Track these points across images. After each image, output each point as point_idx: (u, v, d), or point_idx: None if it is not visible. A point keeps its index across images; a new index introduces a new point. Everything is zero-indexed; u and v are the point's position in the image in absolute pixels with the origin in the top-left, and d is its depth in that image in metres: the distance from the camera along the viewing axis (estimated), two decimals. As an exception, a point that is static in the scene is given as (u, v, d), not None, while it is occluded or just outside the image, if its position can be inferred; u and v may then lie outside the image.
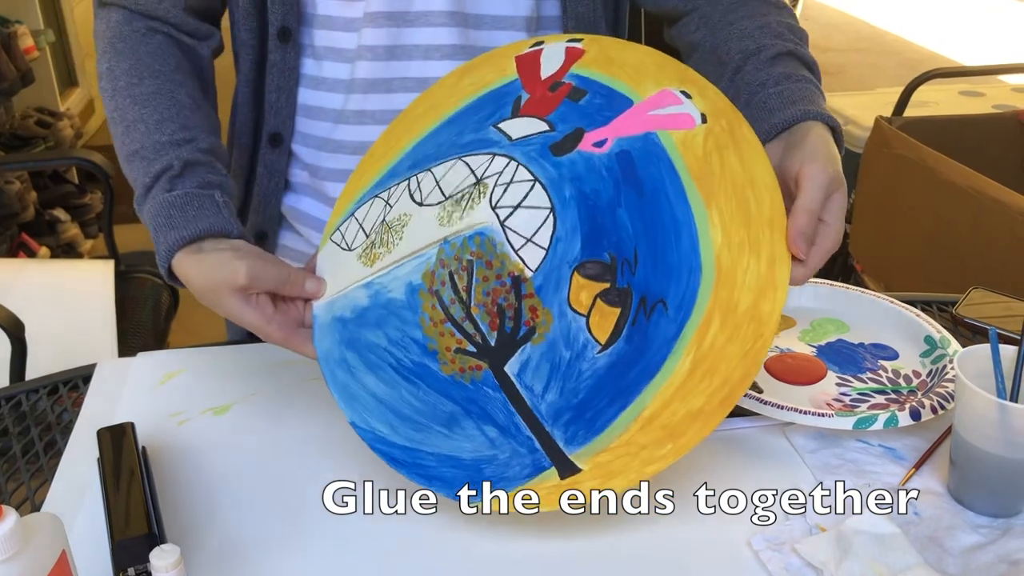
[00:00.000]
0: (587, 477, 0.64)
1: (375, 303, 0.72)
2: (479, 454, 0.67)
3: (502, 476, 0.65)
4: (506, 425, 0.67)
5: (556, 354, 0.67)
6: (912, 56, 5.36)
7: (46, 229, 2.67)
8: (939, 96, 2.66)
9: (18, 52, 2.55)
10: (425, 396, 0.69)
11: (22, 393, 0.87)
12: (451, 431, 0.68)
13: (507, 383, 0.67)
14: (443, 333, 0.70)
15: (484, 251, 0.69)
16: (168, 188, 0.75)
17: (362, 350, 0.72)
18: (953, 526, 0.68)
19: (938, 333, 0.87)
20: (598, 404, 0.65)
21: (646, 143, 0.69)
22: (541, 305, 0.68)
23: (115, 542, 0.61)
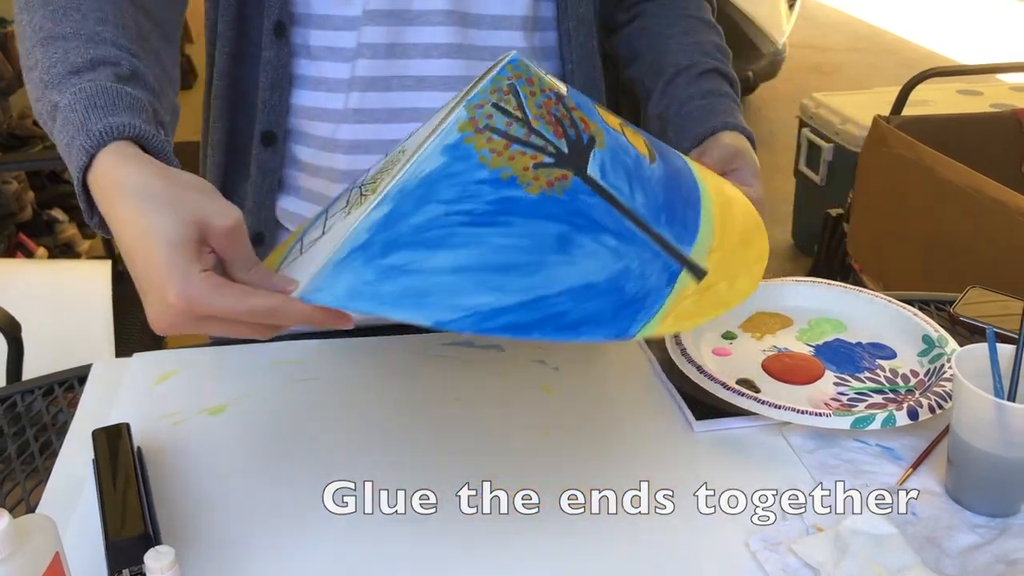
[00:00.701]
0: (715, 278, 0.60)
1: (403, 195, 0.58)
2: (610, 270, 0.58)
3: (646, 290, 0.58)
4: (620, 230, 0.59)
5: (622, 158, 0.62)
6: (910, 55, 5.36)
7: (44, 229, 2.66)
8: (937, 95, 2.66)
9: (15, 51, 2.54)
10: (523, 228, 0.58)
11: (17, 394, 0.87)
12: (570, 253, 0.58)
13: (598, 187, 0.60)
14: (513, 157, 0.59)
15: (520, 71, 0.63)
16: (114, 80, 0.62)
17: (411, 239, 0.57)
18: (951, 526, 0.68)
19: (936, 332, 0.87)
20: (679, 207, 0.63)
21: None
22: (588, 118, 0.64)
23: (110, 543, 0.61)
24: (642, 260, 0.59)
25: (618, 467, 0.74)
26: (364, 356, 0.89)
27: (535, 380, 0.85)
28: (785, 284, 0.96)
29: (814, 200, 2.80)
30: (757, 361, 0.86)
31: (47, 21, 0.66)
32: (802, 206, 2.98)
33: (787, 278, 0.97)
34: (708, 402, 0.80)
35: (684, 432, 0.78)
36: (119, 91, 0.61)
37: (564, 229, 0.58)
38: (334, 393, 0.83)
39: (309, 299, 0.57)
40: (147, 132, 0.60)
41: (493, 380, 0.85)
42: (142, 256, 0.55)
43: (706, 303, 0.59)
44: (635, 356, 0.89)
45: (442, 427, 0.79)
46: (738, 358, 0.87)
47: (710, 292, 0.60)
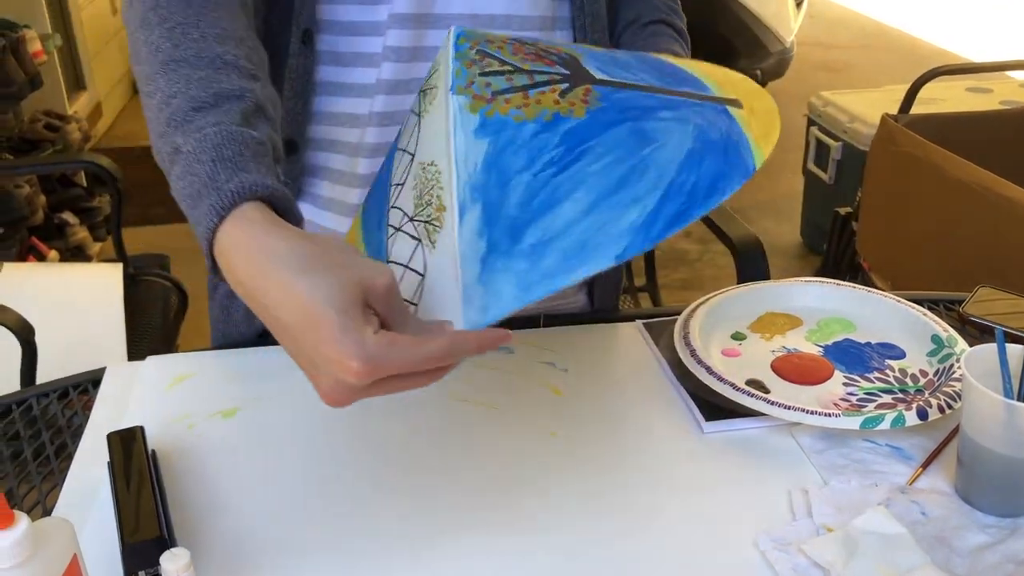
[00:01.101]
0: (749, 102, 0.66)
1: (479, 191, 0.60)
2: (690, 132, 0.62)
3: (724, 129, 0.63)
4: (663, 104, 0.63)
5: (604, 58, 0.67)
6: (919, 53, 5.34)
7: (55, 232, 2.68)
8: (946, 93, 2.66)
9: (26, 56, 2.56)
10: (603, 147, 0.60)
11: (33, 397, 0.88)
12: (654, 141, 0.61)
13: (615, 83, 0.63)
14: (539, 100, 0.61)
15: (475, 38, 0.66)
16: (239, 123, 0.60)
17: (526, 215, 0.59)
18: (960, 526, 0.68)
19: (945, 332, 0.87)
20: (676, 76, 0.67)
21: None
22: (549, 45, 0.68)
23: (126, 546, 0.62)
24: (698, 114, 0.63)
25: (628, 468, 0.75)
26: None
27: (544, 381, 0.86)
28: (794, 284, 0.97)
29: (823, 199, 2.79)
30: (766, 362, 0.87)
31: (165, 41, 0.63)
32: (811, 205, 2.97)
33: (796, 278, 0.98)
34: (717, 403, 0.80)
35: (694, 433, 0.79)
36: (245, 137, 0.58)
37: (629, 125, 0.61)
38: (345, 395, 0.83)
39: (481, 324, 0.58)
40: (278, 191, 0.57)
41: (503, 381, 0.85)
42: (308, 330, 0.51)
43: (763, 121, 0.64)
44: (644, 357, 0.89)
45: (452, 428, 0.79)
46: (747, 359, 0.87)
47: (756, 113, 0.64)
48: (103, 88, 3.90)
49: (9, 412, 0.86)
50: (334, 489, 0.72)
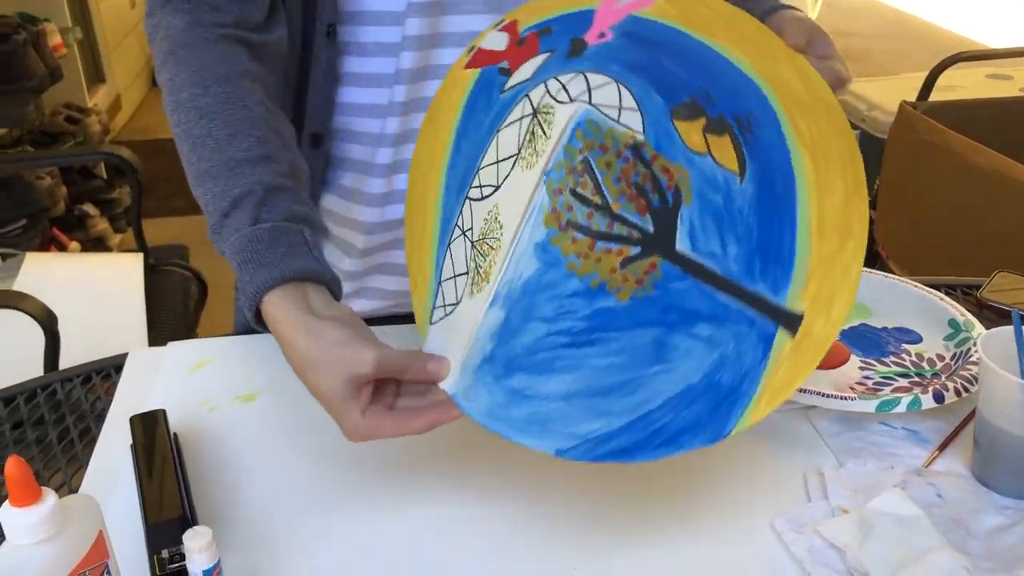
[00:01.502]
0: (812, 318, 0.58)
1: (511, 302, 0.64)
2: (704, 366, 0.60)
3: (742, 373, 0.59)
4: (713, 311, 0.60)
5: (711, 204, 0.61)
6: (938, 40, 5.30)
7: (76, 224, 2.71)
8: (966, 80, 2.63)
9: (46, 49, 2.58)
10: (618, 345, 0.61)
11: (57, 382, 0.89)
12: (666, 361, 0.60)
13: (688, 263, 0.61)
14: (599, 259, 0.62)
15: (592, 137, 0.64)
16: (253, 219, 0.68)
17: (525, 361, 0.63)
18: (977, 508, 0.68)
19: (962, 316, 0.87)
20: (774, 233, 0.60)
21: (633, 23, 0.67)
22: (670, 162, 0.62)
23: (149, 525, 0.63)
24: (737, 338, 0.59)
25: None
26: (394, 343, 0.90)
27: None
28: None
29: (841, 187, 2.77)
30: (782, 346, 0.87)
31: (192, 154, 0.72)
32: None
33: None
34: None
35: (710, 416, 0.79)
36: (259, 235, 0.67)
37: (658, 332, 0.61)
38: (364, 380, 0.84)
39: (460, 404, 0.65)
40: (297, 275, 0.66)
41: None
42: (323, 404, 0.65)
43: (801, 360, 0.58)
44: (661, 342, 0.90)
45: (470, 412, 0.80)
46: (763, 343, 0.87)
47: (806, 341, 0.58)
48: (122, 81, 3.92)
49: (34, 396, 0.88)
50: (352, 471, 0.73)
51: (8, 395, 0.88)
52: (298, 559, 0.65)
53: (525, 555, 0.66)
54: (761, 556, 0.65)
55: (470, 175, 0.70)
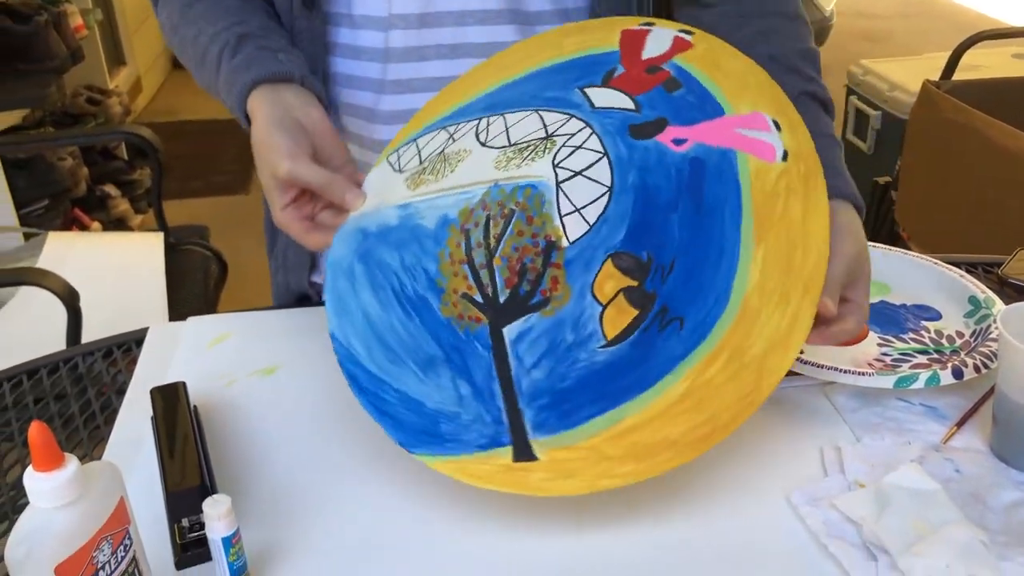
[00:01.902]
0: (539, 468, 0.62)
1: (403, 224, 0.72)
2: (443, 407, 0.65)
3: (458, 438, 0.64)
4: (482, 388, 0.65)
5: (559, 334, 0.65)
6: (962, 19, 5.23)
7: (97, 204, 2.72)
8: (990, 60, 2.60)
9: (68, 30, 2.59)
10: (414, 330, 0.68)
11: (79, 356, 0.90)
12: (425, 375, 0.67)
13: (500, 345, 0.66)
14: (457, 273, 0.68)
15: (531, 205, 0.68)
16: (230, 58, 0.79)
17: (372, 265, 0.71)
18: (995, 483, 0.68)
19: (983, 293, 0.86)
20: (580, 399, 0.63)
21: (723, 159, 0.67)
22: (564, 279, 0.66)
23: (170, 494, 0.64)
24: (477, 418, 0.65)
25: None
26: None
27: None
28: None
29: (862, 169, 2.75)
30: (800, 323, 0.86)
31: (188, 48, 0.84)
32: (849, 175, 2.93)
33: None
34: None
35: (726, 392, 0.79)
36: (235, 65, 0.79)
37: (438, 356, 0.67)
38: (381, 354, 0.85)
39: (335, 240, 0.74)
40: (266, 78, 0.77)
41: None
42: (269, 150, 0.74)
43: (501, 479, 0.62)
44: (678, 318, 0.90)
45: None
46: (781, 320, 0.87)
47: (518, 474, 0.62)
48: (143, 63, 3.94)
49: (57, 370, 0.89)
50: (368, 443, 0.74)
51: (31, 368, 0.89)
52: (315, 528, 0.66)
53: (539, 520, 0.66)
54: (776, 530, 0.65)
55: (494, 112, 0.75)
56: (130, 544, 0.55)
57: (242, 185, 3.28)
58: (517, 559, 0.63)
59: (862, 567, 0.61)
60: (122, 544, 0.54)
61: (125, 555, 0.54)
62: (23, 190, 2.36)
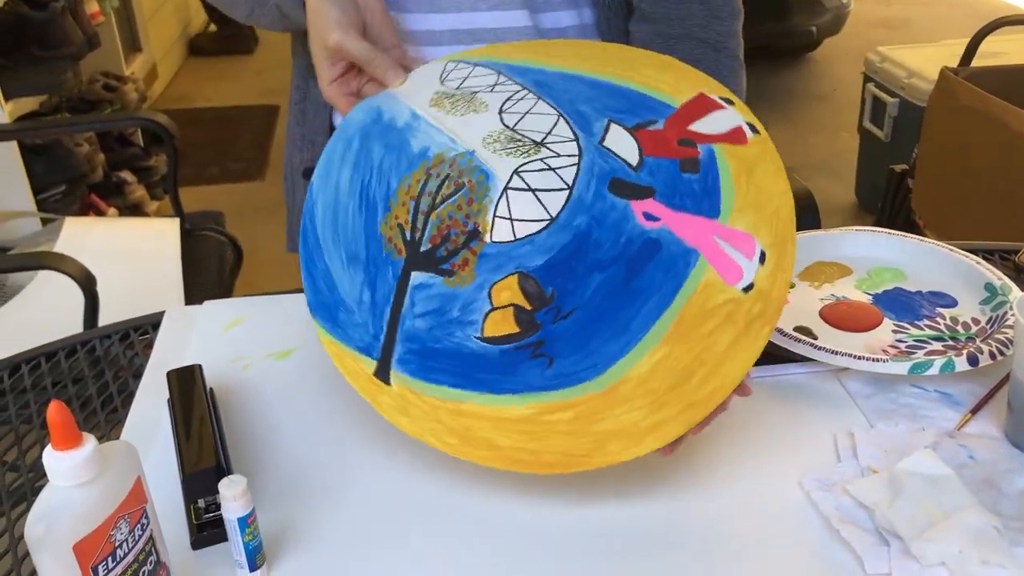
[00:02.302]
0: (389, 393, 0.68)
1: (403, 131, 0.74)
2: (347, 300, 0.71)
3: (346, 330, 0.70)
4: (378, 304, 0.70)
5: (450, 305, 0.67)
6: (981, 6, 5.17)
7: (114, 191, 2.74)
8: (1010, 46, 2.57)
9: (84, 17, 2.60)
10: (357, 226, 0.72)
11: (97, 338, 0.91)
12: (347, 267, 0.72)
13: (404, 282, 0.69)
14: (404, 204, 0.70)
15: (477, 189, 0.68)
16: None
17: (363, 148, 0.75)
18: (1010, 469, 0.68)
19: (999, 280, 0.86)
20: (442, 365, 0.66)
21: (681, 255, 0.65)
22: (473, 266, 0.67)
23: (186, 475, 0.64)
24: (363, 325, 0.70)
25: (673, 410, 0.75)
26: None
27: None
28: (845, 233, 0.96)
29: (878, 157, 2.74)
30: (815, 309, 0.86)
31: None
32: (866, 163, 2.92)
33: (847, 227, 0.97)
34: (764, 348, 0.80)
35: (740, 377, 0.79)
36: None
37: (362, 258, 0.71)
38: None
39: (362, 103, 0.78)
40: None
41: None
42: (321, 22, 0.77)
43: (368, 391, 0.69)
44: (691, 304, 0.90)
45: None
46: (795, 306, 0.87)
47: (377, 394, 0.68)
48: (159, 50, 3.95)
49: (74, 352, 0.89)
50: (383, 426, 0.74)
51: (50, 351, 0.90)
52: (329, 509, 0.67)
53: (551, 501, 0.66)
54: (789, 515, 0.65)
55: (536, 91, 0.75)
56: (147, 523, 0.55)
57: (258, 172, 3.29)
58: (531, 539, 0.64)
59: (874, 552, 0.61)
60: (139, 523, 0.54)
61: (142, 534, 0.55)
62: (40, 176, 2.38)
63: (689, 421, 0.62)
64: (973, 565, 0.59)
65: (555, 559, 0.62)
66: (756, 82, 4.28)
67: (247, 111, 3.82)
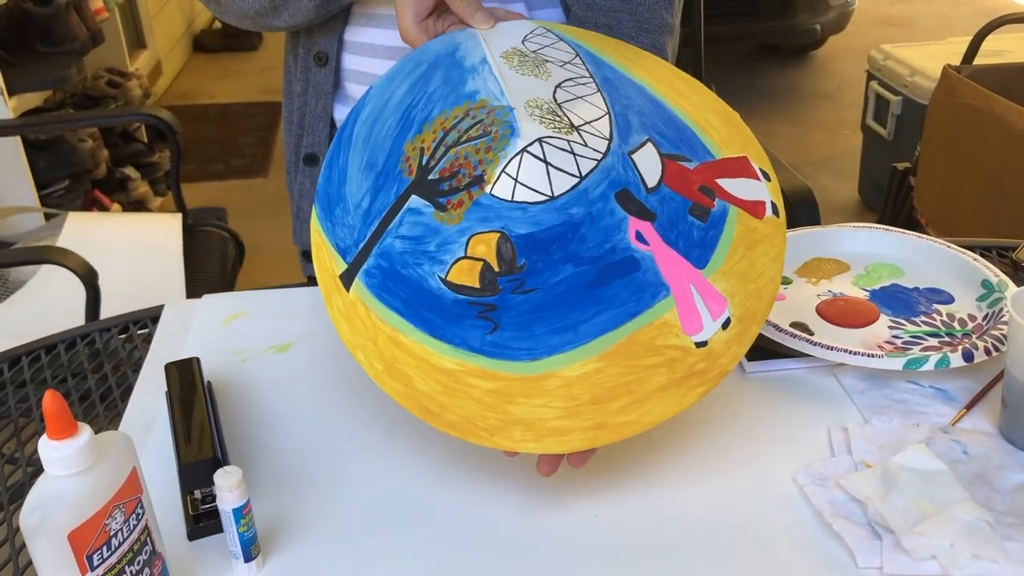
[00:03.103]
0: (343, 298, 0.68)
1: (466, 71, 0.75)
2: (348, 200, 0.71)
3: (335, 227, 0.71)
4: (372, 214, 0.70)
5: (429, 238, 0.68)
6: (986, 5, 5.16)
7: (117, 186, 2.75)
8: (1013, 44, 2.57)
9: (88, 13, 2.61)
10: (389, 137, 0.73)
11: (96, 331, 0.92)
12: (363, 168, 0.72)
13: (400, 202, 0.69)
14: (435, 131, 0.71)
15: (499, 140, 0.69)
16: None
17: (425, 72, 0.75)
18: (1003, 465, 0.68)
19: (995, 277, 0.86)
20: (399, 292, 0.67)
21: (653, 285, 0.66)
22: (465, 210, 0.68)
23: (182, 466, 0.65)
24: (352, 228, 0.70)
25: (669, 405, 0.75)
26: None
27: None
28: (842, 229, 0.96)
29: (881, 154, 2.74)
30: (811, 305, 0.86)
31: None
32: (869, 161, 2.92)
33: (844, 224, 0.97)
34: (760, 344, 0.80)
35: (735, 373, 0.79)
36: None
37: (379, 167, 0.71)
38: (393, 333, 0.86)
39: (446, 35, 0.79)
40: None
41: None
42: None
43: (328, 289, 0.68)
44: (688, 300, 0.90)
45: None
46: (792, 302, 0.87)
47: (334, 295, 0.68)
48: (163, 47, 3.96)
49: (74, 345, 0.90)
50: (380, 420, 0.75)
51: (49, 344, 0.90)
52: (324, 501, 0.67)
53: (550, 501, 0.67)
54: (782, 508, 0.65)
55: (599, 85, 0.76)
56: (142, 513, 0.56)
57: (261, 168, 3.29)
58: (524, 535, 0.64)
59: (866, 546, 0.61)
60: (134, 513, 0.55)
61: (137, 523, 0.55)
62: (44, 171, 2.39)
63: (592, 440, 0.62)
64: (964, 559, 0.59)
65: (548, 555, 0.63)
66: (760, 79, 4.32)
67: (251, 108, 3.83)
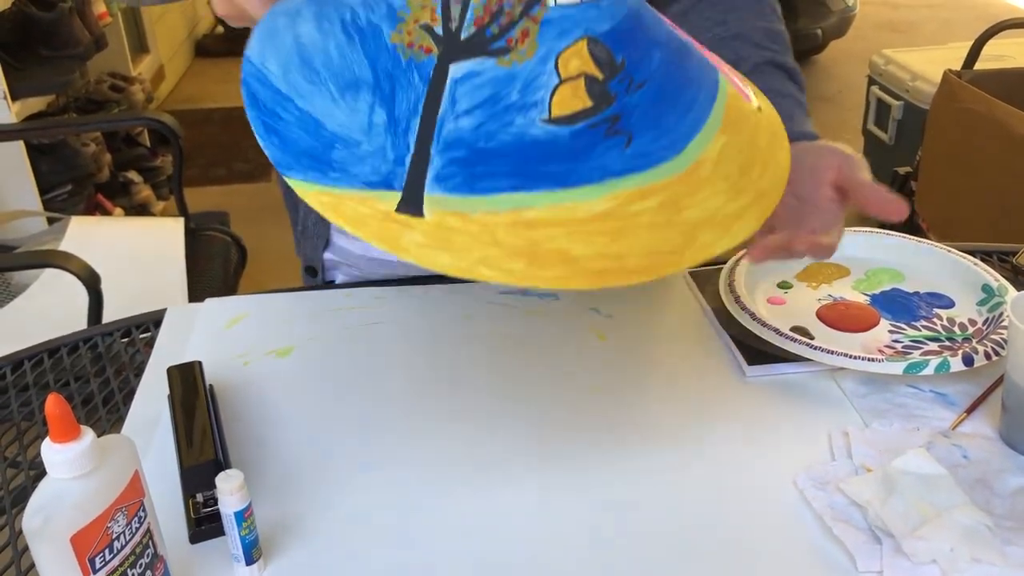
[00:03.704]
0: (420, 228, 0.55)
1: None
2: (346, 132, 0.58)
3: (346, 168, 0.57)
4: (400, 120, 0.58)
5: (507, 88, 0.57)
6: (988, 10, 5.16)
7: (120, 190, 2.75)
8: (1014, 49, 2.57)
9: (91, 17, 2.61)
10: (350, 53, 0.59)
11: (98, 335, 0.92)
12: (342, 96, 0.59)
13: (439, 81, 0.58)
14: (425, 6, 0.59)
15: None
16: None
17: (325, 3, 0.61)
18: (1003, 469, 0.68)
19: (996, 281, 0.86)
20: (497, 167, 0.57)
21: (707, 65, 0.64)
22: (535, 36, 0.58)
23: (184, 469, 0.65)
24: (378, 152, 0.57)
25: (669, 409, 0.76)
26: (424, 303, 0.91)
27: (589, 327, 0.87)
28: (843, 233, 0.96)
29: (883, 159, 2.74)
30: (812, 310, 0.87)
31: None
32: (870, 165, 2.91)
33: (845, 228, 0.97)
34: (761, 348, 0.80)
35: (736, 377, 0.80)
36: None
37: (366, 78, 0.58)
38: (394, 337, 0.86)
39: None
40: None
41: (548, 326, 0.87)
42: None
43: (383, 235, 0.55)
44: (689, 305, 0.90)
45: (497, 371, 0.81)
46: (793, 307, 0.87)
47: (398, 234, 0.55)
48: (166, 52, 3.97)
49: (77, 349, 0.90)
50: (381, 424, 0.75)
51: (52, 347, 0.90)
52: (326, 505, 0.67)
53: (550, 502, 0.67)
54: (782, 512, 0.65)
55: None
56: (144, 516, 0.56)
57: (263, 173, 3.30)
58: (527, 535, 0.64)
59: (866, 550, 0.61)
60: (136, 516, 0.55)
61: (140, 526, 0.55)
62: (47, 175, 2.39)
63: (761, 213, 0.59)
64: (964, 563, 0.60)
65: (548, 556, 0.63)
66: (760, 84, 4.14)
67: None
